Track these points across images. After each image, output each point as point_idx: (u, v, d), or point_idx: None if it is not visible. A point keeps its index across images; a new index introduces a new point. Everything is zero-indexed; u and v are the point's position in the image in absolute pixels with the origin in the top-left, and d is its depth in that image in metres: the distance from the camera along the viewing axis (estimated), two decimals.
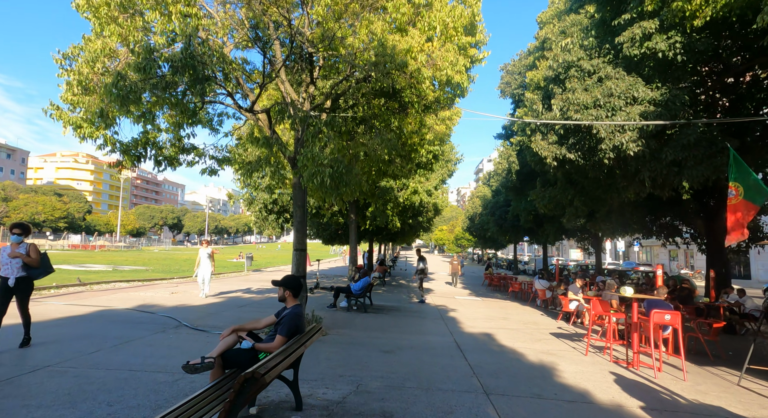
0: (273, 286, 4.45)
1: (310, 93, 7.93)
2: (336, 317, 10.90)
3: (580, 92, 8.67)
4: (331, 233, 25.98)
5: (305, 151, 6.21)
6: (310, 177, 6.14)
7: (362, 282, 12.28)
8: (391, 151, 7.09)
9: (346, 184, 6.48)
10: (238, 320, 9.53)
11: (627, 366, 7.18)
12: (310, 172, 6.14)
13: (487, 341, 8.88)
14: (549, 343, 9.01)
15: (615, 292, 10.06)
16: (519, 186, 19.65)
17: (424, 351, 7.49)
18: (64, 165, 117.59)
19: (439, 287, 21.97)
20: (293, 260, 8.58)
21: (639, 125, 8.01)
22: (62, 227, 76.23)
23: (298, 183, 8.30)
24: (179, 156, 8.77)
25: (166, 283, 17.63)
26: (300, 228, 8.49)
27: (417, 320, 11.11)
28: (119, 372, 5.21)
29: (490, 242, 51.66)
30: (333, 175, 6.21)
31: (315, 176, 6.12)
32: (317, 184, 6.15)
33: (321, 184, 6.15)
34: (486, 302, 16.46)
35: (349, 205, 17.52)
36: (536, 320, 12.50)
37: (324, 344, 7.58)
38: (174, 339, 7.28)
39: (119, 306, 10.41)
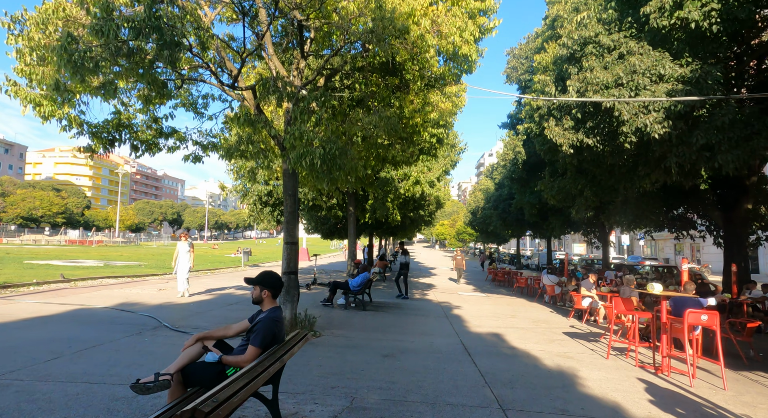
0: (247, 285, 3.64)
1: (300, 69, 7.12)
2: (332, 315, 10.15)
3: (599, 70, 7.86)
4: (330, 227, 25.20)
5: (292, 129, 5.42)
6: (298, 159, 5.37)
7: (361, 278, 11.52)
8: (391, 132, 6.30)
9: (339, 167, 5.70)
10: (225, 320, 8.78)
11: (655, 372, 6.42)
12: (298, 153, 5.36)
13: (496, 342, 8.12)
14: (564, 344, 8.25)
15: (635, 288, 9.28)
16: (525, 177, 18.83)
17: (429, 355, 6.73)
18: (63, 160, 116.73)
19: (441, 283, 21.22)
20: (284, 254, 7.81)
21: (668, 104, 7.20)
22: (60, 222, 75.60)
23: (288, 170, 7.52)
24: (158, 140, 8.00)
25: (156, 279, 16.89)
26: (291, 219, 7.71)
27: (420, 319, 10.36)
28: (72, 385, 4.45)
29: (493, 237, 50.90)
30: (324, 157, 5.42)
31: (304, 157, 5.34)
32: (306, 166, 5.36)
33: (311, 166, 5.37)
34: (491, 299, 15.71)
35: (347, 198, 16.73)
36: (546, 317, 11.74)
37: (317, 348, 6.82)
38: (149, 343, 6.52)
39: (98, 304, 9.66)
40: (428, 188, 14.88)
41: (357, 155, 6.98)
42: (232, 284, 15.53)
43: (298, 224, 7.66)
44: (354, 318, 9.90)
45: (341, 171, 5.79)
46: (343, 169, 5.73)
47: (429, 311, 11.74)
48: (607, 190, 11.95)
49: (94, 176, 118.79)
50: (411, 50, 5.81)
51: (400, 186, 14.98)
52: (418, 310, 11.89)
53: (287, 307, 7.63)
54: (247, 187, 16.41)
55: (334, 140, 5.73)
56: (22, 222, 70.49)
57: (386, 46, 5.33)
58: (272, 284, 3.60)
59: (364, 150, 7.54)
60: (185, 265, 11.54)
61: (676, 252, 49.34)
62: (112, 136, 7.24)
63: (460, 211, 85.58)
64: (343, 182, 7.04)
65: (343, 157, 5.83)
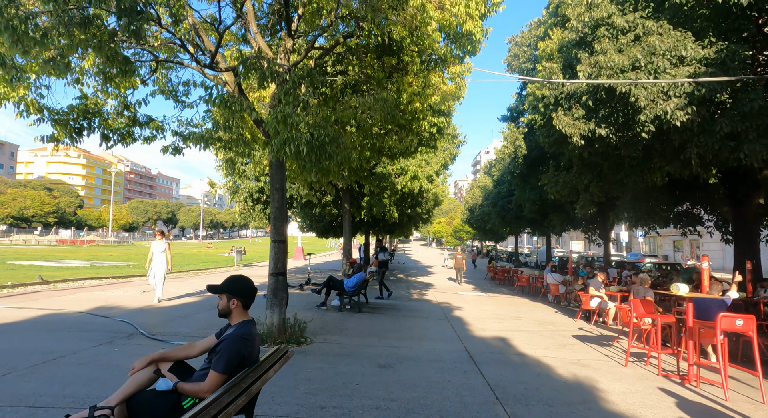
0: (211, 294, 2.94)
1: (287, 49, 6.44)
2: (325, 318, 9.49)
3: (613, 54, 7.22)
4: (325, 225, 24.53)
5: (275, 111, 4.75)
6: (281, 145, 4.70)
7: (356, 278, 10.86)
8: (387, 117, 5.64)
9: (329, 156, 5.03)
10: (209, 326, 8.10)
11: (682, 382, 5.80)
12: (282, 139, 4.70)
13: (503, 347, 7.49)
14: (576, 349, 7.63)
15: (649, 288, 8.67)
16: (526, 172, 18.20)
17: (430, 365, 6.09)
18: (56, 159, 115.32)
19: (440, 283, 20.60)
20: (271, 254, 7.14)
21: (690, 88, 6.57)
22: (52, 222, 74.49)
23: (273, 160, 6.84)
24: (133, 129, 7.30)
25: (143, 280, 16.14)
26: (278, 215, 7.04)
27: (419, 322, 9.72)
28: (12, 412, 3.77)
29: (490, 234, 50.36)
30: (312, 144, 4.76)
31: (288, 144, 4.67)
32: (291, 154, 4.70)
33: (296, 154, 4.70)
34: (493, 299, 15.10)
35: (342, 194, 16.07)
36: (552, 319, 11.13)
37: (307, 357, 6.16)
38: (118, 354, 5.84)
39: (72, 309, 8.95)
40: (426, 183, 14.23)
41: (350, 144, 6.33)
42: None
43: (287, 221, 7.00)
44: (349, 321, 9.25)
45: (331, 160, 5.13)
46: (333, 158, 5.06)
47: (428, 313, 11.10)
48: (614, 184, 11.35)
49: (87, 175, 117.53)
50: (410, 24, 5.15)
51: (397, 181, 14.33)
52: (417, 311, 11.25)
53: (275, 311, 6.97)
54: (237, 184, 15.71)
55: (324, 125, 5.07)
56: (12, 222, 69.38)
57: (380, 15, 4.67)
58: (242, 291, 2.85)
59: (357, 139, 6.85)
60: (161, 267, 10.27)
61: (675, 249, 48.92)
62: (80, 125, 6.52)
63: (457, 208, 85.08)
64: (335, 174, 6.38)
65: (334, 145, 5.16)
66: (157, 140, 7.65)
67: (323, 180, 7.13)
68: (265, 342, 6.72)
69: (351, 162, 5.72)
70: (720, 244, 42.96)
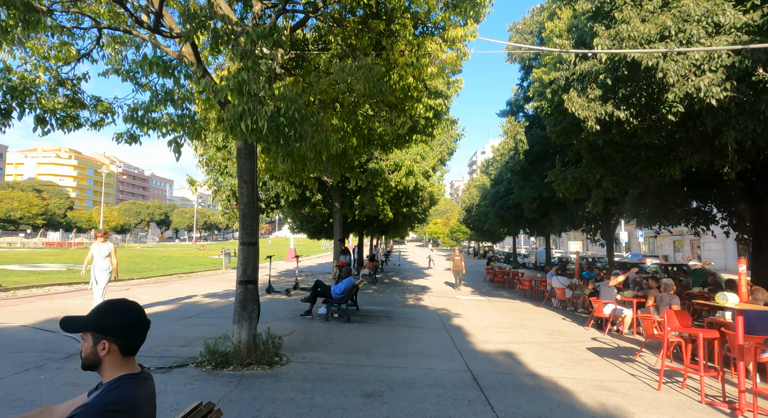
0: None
1: (255, 14, 5.37)
2: (309, 330, 8.42)
3: (636, 22, 6.22)
4: (317, 225, 23.42)
5: (228, 76, 3.71)
6: (236, 119, 3.66)
7: (344, 284, 9.79)
8: (372, 91, 4.61)
9: (300, 137, 3.99)
10: (170, 340, 7.01)
11: (733, 413, 4.77)
12: (237, 112, 3.66)
13: (511, 366, 6.44)
14: (595, 367, 6.60)
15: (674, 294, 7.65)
16: (527, 168, 17.19)
17: (427, 391, 5.03)
18: (46, 160, 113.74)
19: (436, 286, 19.55)
20: (239, 259, 6.07)
21: (729, 61, 5.57)
22: (40, 223, 72.98)
23: (243, 148, 5.78)
24: (78, 113, 6.22)
25: (119, 285, 15.02)
26: (248, 212, 5.98)
27: (414, 333, 8.66)
28: None
29: (488, 235, 49.43)
30: (276, 120, 3.72)
31: (245, 118, 3.62)
32: (248, 131, 3.65)
33: (255, 132, 3.66)
34: (493, 304, 14.06)
35: (333, 192, 15.01)
36: (561, 327, 10.10)
37: (277, 384, 5.09)
38: (43, 383, 4.75)
39: (17, 322, 7.84)
40: (422, 180, 13.19)
41: (330, 127, 5.29)
42: (204, 291, 13.72)
43: (258, 220, 5.92)
44: (335, 333, 8.17)
45: (303, 143, 4.07)
46: (305, 139, 4.01)
47: (425, 321, 10.05)
48: (629, 179, 10.34)
49: (79, 177, 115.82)
50: None
51: (390, 178, 13.28)
52: (412, 320, 10.19)
53: (243, 326, 5.89)
54: (219, 181, 14.61)
55: (294, 99, 4.02)
56: None
57: None
58: (117, 328, 1.68)
59: (340, 121, 5.78)
60: (103, 275, 8.56)
61: (675, 249, 48.12)
62: (8, 105, 5.42)
63: (453, 209, 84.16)
64: (314, 164, 5.33)
65: (307, 125, 4.11)
66: (108, 126, 6.57)
67: (300, 171, 6.06)
68: (230, 364, 5.65)
69: (330, 147, 4.68)
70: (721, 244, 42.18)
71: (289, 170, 6.18)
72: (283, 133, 3.89)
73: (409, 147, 7.99)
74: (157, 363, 5.65)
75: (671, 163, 9.54)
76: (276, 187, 13.25)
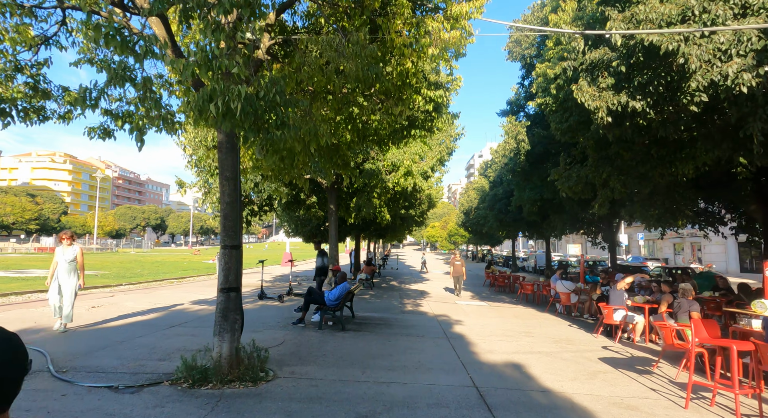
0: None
1: None
2: (301, 340, 7.84)
3: (655, 2, 5.72)
4: (312, 229, 22.87)
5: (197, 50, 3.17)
6: (204, 100, 3.12)
7: (339, 290, 9.22)
8: (367, 75, 4.08)
9: (282, 124, 3.45)
10: (150, 352, 6.42)
11: None
12: (206, 92, 3.12)
13: (520, 380, 5.89)
14: (612, 380, 6.05)
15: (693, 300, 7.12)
16: (528, 170, 16.67)
17: (428, 412, 4.47)
18: (40, 165, 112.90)
19: (435, 291, 18.98)
20: (219, 264, 5.51)
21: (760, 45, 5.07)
22: (33, 229, 72.12)
23: (225, 141, 5.23)
24: (43, 104, 5.67)
25: (105, 291, 14.41)
26: (230, 212, 5.43)
27: (413, 342, 8.09)
28: None
29: (486, 238, 48.88)
30: (254, 102, 3.18)
31: (215, 98, 3.08)
32: (220, 113, 3.11)
33: (228, 116, 3.12)
34: (495, 309, 13.50)
35: (328, 193, 14.47)
36: (568, 335, 9.55)
37: (260, 405, 4.52)
38: None
39: None
40: (421, 181, 12.66)
41: (320, 117, 4.76)
42: (193, 297, 13.11)
43: (241, 221, 5.35)
44: (328, 344, 7.60)
45: (287, 130, 3.53)
46: (288, 126, 3.47)
47: (424, 329, 9.48)
48: (639, 178, 9.85)
49: (74, 181, 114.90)
50: None
51: (388, 179, 12.74)
52: (411, 328, 9.62)
53: (224, 339, 5.31)
54: (210, 183, 14.03)
55: (276, 79, 3.48)
56: None
57: None
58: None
59: (331, 110, 5.23)
60: (69, 283, 7.57)
61: (675, 252, 47.67)
62: None
63: (451, 212, 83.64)
64: (300, 157, 4.79)
65: (291, 110, 3.58)
66: (78, 119, 6.00)
67: (288, 168, 5.52)
68: (209, 382, 5.07)
69: (320, 138, 4.15)
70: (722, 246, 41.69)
71: (277, 167, 5.64)
72: (263, 118, 3.35)
73: (407, 143, 7.47)
74: (127, 381, 5.07)
75: (684, 161, 9.04)
76: (269, 189, 12.68)
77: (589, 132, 9.97)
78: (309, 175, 13.87)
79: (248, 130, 3.37)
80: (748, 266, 38.17)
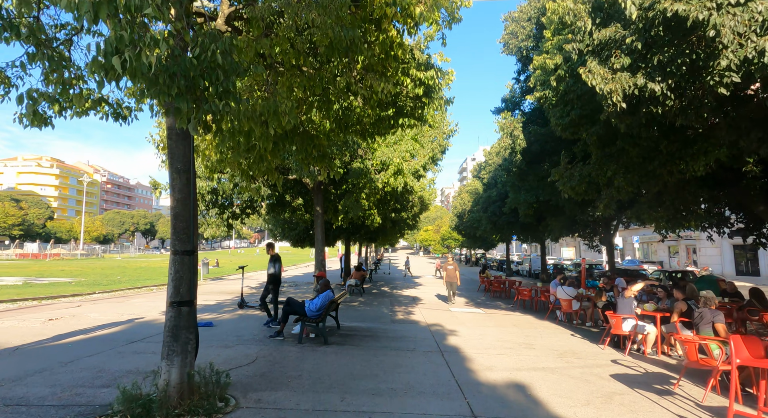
0: None
1: None
2: (276, 356, 6.94)
3: None
4: (300, 232, 21.99)
5: None
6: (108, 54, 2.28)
7: (321, 299, 8.34)
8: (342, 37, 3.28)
9: (226, 92, 2.62)
10: (94, 377, 5.50)
11: None
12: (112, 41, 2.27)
13: (526, 406, 5.05)
14: (630, 404, 5.22)
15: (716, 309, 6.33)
16: (524, 169, 15.91)
17: None
18: (27, 169, 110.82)
19: (428, 297, 18.13)
20: (169, 272, 4.62)
21: None
22: (17, 234, 70.35)
23: (176, 128, 4.37)
24: None
25: (73, 301, 13.41)
26: (181, 211, 4.56)
27: (403, 358, 7.22)
28: None
29: (480, 241, 48.20)
30: (182, 60, 2.36)
31: (122, 48, 2.23)
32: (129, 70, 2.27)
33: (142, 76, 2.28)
34: (492, 317, 12.67)
35: (314, 195, 13.60)
36: (573, 347, 8.74)
37: None
38: None
39: None
40: (412, 180, 11.84)
41: (284, 93, 3.93)
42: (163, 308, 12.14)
43: (197, 220, 4.47)
44: (306, 361, 6.72)
45: (232, 101, 2.69)
46: (232, 96, 2.64)
47: (416, 341, 8.62)
48: (646, 176, 9.11)
49: (61, 186, 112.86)
50: None
51: (377, 178, 11.91)
52: (400, 339, 8.76)
53: (174, 363, 4.42)
54: None
55: (215, 34, 2.66)
56: None
57: None
58: None
59: (299, 88, 4.36)
60: None
61: (670, 255, 47.20)
62: None
63: (444, 216, 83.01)
64: (262, 143, 3.93)
65: (239, 77, 2.74)
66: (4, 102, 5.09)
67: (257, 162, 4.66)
68: (153, 416, 4.18)
69: (281, 117, 3.33)
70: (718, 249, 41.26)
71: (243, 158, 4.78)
72: (196, 84, 2.52)
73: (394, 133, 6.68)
74: (53, 416, 4.17)
75: (695, 156, 8.31)
76: (250, 191, 11.80)
77: (592, 127, 9.23)
78: (295, 176, 13.02)
79: (175, 97, 2.53)
80: (744, 268, 37.75)
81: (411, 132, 12.59)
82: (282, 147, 4.84)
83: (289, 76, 3.97)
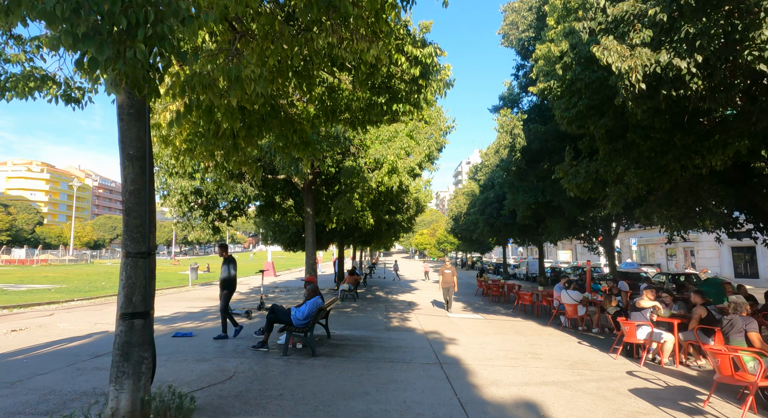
0: None
1: None
2: (257, 372, 6.21)
3: None
4: (291, 236, 21.22)
5: None
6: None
7: (309, 306, 7.63)
8: None
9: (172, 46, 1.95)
10: (45, 397, 4.75)
11: None
12: None
13: None
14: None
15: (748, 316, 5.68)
16: (524, 168, 15.28)
17: None
18: (16, 174, 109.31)
19: (424, 302, 17.42)
20: (120, 279, 3.91)
21: None
22: (4, 240, 68.95)
23: (124, 101, 3.67)
24: None
25: (48, 309, 12.60)
26: (134, 207, 3.86)
27: (398, 371, 6.51)
28: None
29: (476, 245, 47.59)
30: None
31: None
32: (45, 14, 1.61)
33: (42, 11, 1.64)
34: (492, 323, 11.98)
35: (304, 195, 12.89)
36: (582, 356, 8.06)
37: None
38: None
39: None
40: (408, 179, 11.16)
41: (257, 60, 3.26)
42: None
43: (155, 217, 3.75)
44: (290, 377, 5.99)
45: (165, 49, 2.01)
46: (168, 43, 1.97)
47: (412, 352, 7.91)
48: (658, 171, 8.50)
49: (51, 191, 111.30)
50: None
51: (370, 177, 11.22)
52: (396, 350, 8.04)
53: (124, 387, 3.70)
54: (168, 184, 12.33)
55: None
56: None
57: None
58: None
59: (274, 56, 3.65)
60: None
61: (668, 257, 46.76)
62: None
63: (439, 220, 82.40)
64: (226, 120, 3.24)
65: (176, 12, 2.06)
66: None
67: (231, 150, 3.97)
68: None
69: (245, 85, 2.70)
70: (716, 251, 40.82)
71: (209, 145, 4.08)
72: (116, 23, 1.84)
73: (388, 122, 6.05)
74: None
75: (712, 150, 7.70)
76: (227, 186, 11.08)
77: (601, 119, 8.60)
78: (283, 174, 12.31)
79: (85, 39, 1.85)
80: (742, 270, 37.35)
81: (406, 128, 11.93)
82: (258, 131, 4.16)
83: (261, 42, 3.31)
